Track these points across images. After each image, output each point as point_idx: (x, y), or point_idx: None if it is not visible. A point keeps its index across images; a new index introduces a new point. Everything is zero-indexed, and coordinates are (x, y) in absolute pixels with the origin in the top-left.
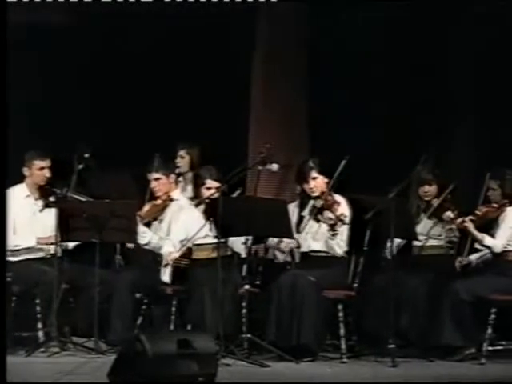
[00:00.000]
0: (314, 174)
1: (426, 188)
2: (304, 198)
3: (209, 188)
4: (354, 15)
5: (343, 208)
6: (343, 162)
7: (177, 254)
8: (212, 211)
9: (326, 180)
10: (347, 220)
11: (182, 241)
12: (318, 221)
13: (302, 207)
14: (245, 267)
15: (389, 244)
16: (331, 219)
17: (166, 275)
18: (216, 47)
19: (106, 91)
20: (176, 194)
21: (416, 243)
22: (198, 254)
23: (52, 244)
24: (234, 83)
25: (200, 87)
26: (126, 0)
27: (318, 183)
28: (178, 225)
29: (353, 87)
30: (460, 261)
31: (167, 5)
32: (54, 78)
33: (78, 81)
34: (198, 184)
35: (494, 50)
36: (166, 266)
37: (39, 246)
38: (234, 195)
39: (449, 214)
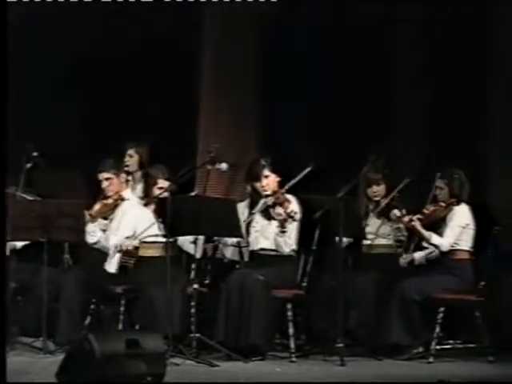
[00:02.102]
0: (266, 172)
1: (375, 188)
2: (254, 197)
3: (161, 187)
4: (302, 17)
5: (294, 205)
6: (306, 171)
7: (133, 242)
8: (161, 210)
9: (278, 179)
10: (297, 217)
11: (128, 237)
12: (268, 218)
13: (252, 206)
14: (194, 266)
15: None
16: (281, 215)
17: (111, 266)
18: (166, 47)
19: (54, 90)
20: (127, 193)
21: (365, 242)
22: (146, 252)
23: None
24: (183, 82)
25: (149, 86)
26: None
27: (270, 181)
28: (127, 223)
29: (302, 87)
30: (404, 257)
31: (117, 4)
32: None
33: (25, 79)
34: (149, 183)
35: (444, 50)
36: (117, 252)
37: None
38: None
39: (395, 212)
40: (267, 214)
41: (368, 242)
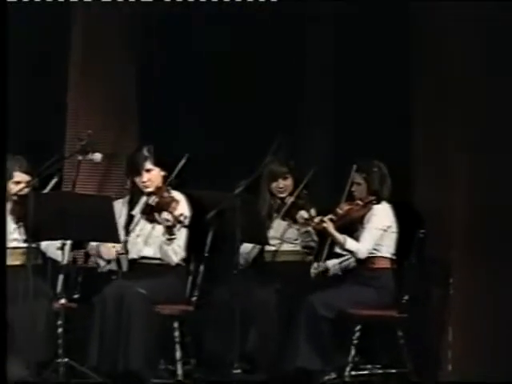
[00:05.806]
0: (148, 165)
1: (281, 183)
2: (135, 194)
3: (18, 182)
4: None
5: (183, 207)
6: (183, 160)
7: None
8: (21, 210)
9: (163, 173)
10: (187, 222)
11: None
12: (151, 221)
13: (131, 205)
14: (61, 278)
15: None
16: (169, 220)
17: None
18: (33, 31)
19: None
20: None
21: (268, 248)
22: None
23: None
24: (50, 61)
25: (12, 70)
26: None
27: (153, 176)
28: None
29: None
30: (315, 267)
31: None
32: None
33: None
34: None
35: (363, 39)
36: None
37: None
38: (48, 187)
39: (302, 213)
40: (150, 217)
41: (271, 248)
